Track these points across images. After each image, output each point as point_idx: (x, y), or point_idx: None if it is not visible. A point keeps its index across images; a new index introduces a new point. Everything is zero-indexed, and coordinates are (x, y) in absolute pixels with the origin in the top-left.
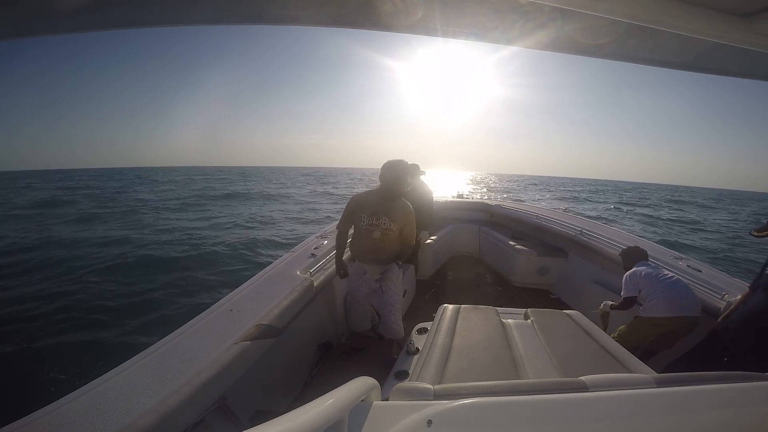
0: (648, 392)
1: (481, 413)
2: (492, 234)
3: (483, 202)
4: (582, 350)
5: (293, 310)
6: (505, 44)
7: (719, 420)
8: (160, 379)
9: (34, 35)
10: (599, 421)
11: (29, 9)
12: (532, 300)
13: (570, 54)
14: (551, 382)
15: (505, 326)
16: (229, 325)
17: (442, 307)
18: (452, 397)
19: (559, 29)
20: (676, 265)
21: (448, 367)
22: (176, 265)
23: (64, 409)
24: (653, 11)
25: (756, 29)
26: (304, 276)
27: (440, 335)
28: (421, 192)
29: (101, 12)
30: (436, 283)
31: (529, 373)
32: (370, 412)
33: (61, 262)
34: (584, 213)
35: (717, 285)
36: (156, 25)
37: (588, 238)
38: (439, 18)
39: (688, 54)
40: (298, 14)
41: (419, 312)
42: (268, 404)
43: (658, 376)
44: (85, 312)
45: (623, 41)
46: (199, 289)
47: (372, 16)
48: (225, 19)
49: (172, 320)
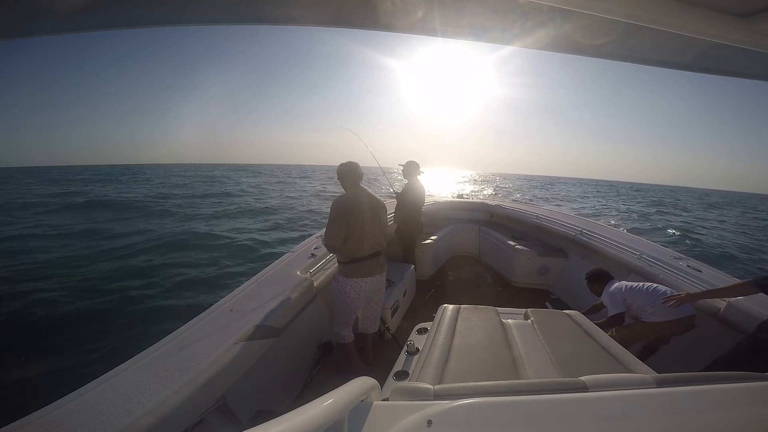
0: (648, 392)
1: (481, 413)
2: (492, 234)
3: (483, 202)
4: (582, 350)
5: (293, 310)
6: (505, 44)
7: (719, 420)
8: (160, 379)
9: (33, 35)
10: (599, 421)
11: (29, 9)
12: (532, 300)
13: (570, 54)
14: (551, 382)
15: (505, 326)
16: (229, 325)
17: (442, 307)
18: (452, 398)
19: (559, 29)
20: (676, 265)
21: (448, 367)
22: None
23: (64, 409)
24: (653, 11)
25: (756, 29)
26: (304, 276)
27: (440, 335)
28: (420, 191)
29: (100, 12)
30: (436, 283)
31: (529, 373)
32: (370, 412)
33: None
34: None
35: (717, 285)
36: (156, 25)
37: (588, 238)
38: (439, 18)
39: (688, 54)
40: (297, 14)
41: (419, 312)
42: (268, 404)
43: (658, 376)
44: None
45: (623, 41)
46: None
47: (371, 17)
48: (225, 19)
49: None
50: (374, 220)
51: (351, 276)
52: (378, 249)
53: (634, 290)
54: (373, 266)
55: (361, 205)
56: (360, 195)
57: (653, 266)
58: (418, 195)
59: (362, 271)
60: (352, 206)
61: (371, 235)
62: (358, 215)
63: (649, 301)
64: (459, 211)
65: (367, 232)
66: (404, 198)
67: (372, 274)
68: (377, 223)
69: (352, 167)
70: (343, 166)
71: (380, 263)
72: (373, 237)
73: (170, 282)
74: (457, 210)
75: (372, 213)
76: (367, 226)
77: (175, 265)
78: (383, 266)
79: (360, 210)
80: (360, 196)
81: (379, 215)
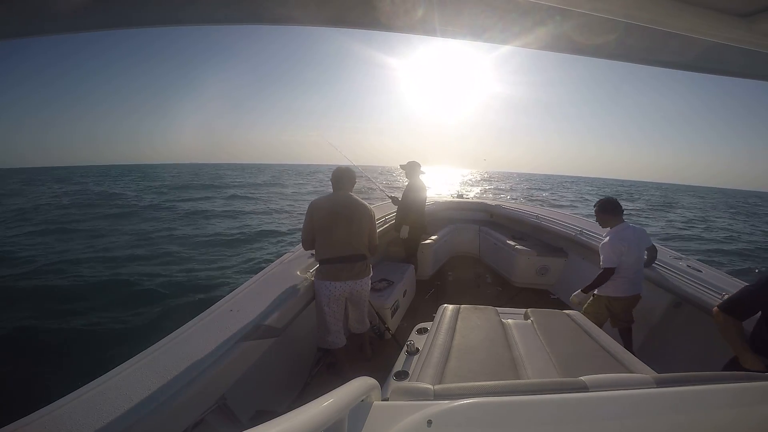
0: (648, 392)
1: (481, 413)
2: (492, 234)
3: (483, 202)
4: (582, 350)
5: (293, 310)
6: (505, 44)
7: (719, 420)
8: (160, 379)
9: (33, 35)
10: (599, 421)
11: (29, 9)
12: (532, 300)
13: (570, 54)
14: (551, 382)
15: (505, 326)
16: (229, 325)
17: (442, 307)
18: (452, 397)
19: (559, 29)
20: (676, 265)
21: (448, 367)
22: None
23: (64, 409)
24: (653, 11)
25: (756, 29)
26: (304, 276)
27: (440, 335)
28: (422, 191)
29: (100, 12)
30: (436, 283)
31: (529, 373)
32: (370, 412)
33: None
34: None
35: (717, 285)
36: (156, 25)
37: (588, 238)
38: (438, 18)
39: (688, 54)
40: (296, 14)
41: (419, 312)
42: (268, 404)
43: (658, 376)
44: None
45: (622, 41)
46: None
47: (371, 17)
48: (225, 19)
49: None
50: (349, 224)
51: (320, 278)
52: (352, 253)
53: (633, 249)
54: (343, 271)
55: (333, 209)
56: (337, 199)
57: (653, 266)
58: (420, 195)
59: (330, 275)
60: (322, 209)
61: (344, 239)
62: (329, 218)
63: (625, 268)
64: (459, 211)
65: (338, 235)
66: (406, 199)
67: (340, 279)
68: (352, 226)
69: (341, 174)
70: (336, 171)
71: (355, 269)
72: (347, 241)
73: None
74: (457, 210)
75: (348, 218)
76: (339, 230)
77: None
78: (361, 272)
79: (331, 213)
80: (337, 199)
81: (360, 221)
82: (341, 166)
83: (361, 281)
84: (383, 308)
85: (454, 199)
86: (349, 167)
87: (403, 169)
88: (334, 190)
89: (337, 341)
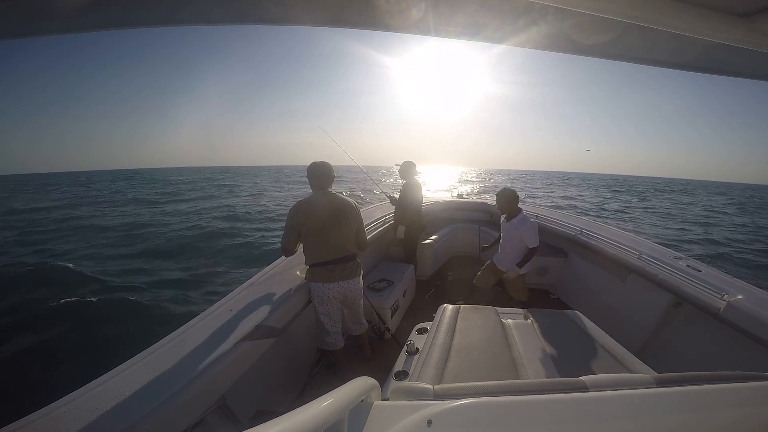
0: (648, 392)
1: (481, 413)
2: (492, 234)
3: (483, 202)
4: (582, 350)
5: (293, 310)
6: (501, 43)
7: (719, 420)
8: (160, 379)
9: (33, 35)
10: (599, 421)
11: (29, 9)
12: (532, 300)
13: (568, 54)
14: (551, 382)
15: (505, 326)
16: (229, 325)
17: (441, 307)
18: (452, 397)
19: (557, 28)
20: (676, 265)
21: (448, 367)
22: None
23: (64, 409)
24: (652, 11)
25: (756, 29)
26: (304, 276)
27: (440, 335)
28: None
29: (100, 12)
30: (436, 283)
31: (529, 373)
32: (370, 412)
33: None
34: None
35: (716, 285)
36: (155, 25)
37: (588, 238)
38: (433, 18)
39: (688, 54)
40: (293, 14)
41: (419, 312)
42: (268, 404)
43: (658, 376)
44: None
45: (621, 41)
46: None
47: (366, 16)
48: (223, 19)
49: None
50: (337, 224)
51: (313, 280)
52: (344, 254)
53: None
54: (335, 272)
55: (317, 210)
56: (320, 199)
57: (653, 266)
58: (417, 195)
59: (322, 276)
60: (305, 212)
61: (333, 240)
62: (314, 220)
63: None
64: (459, 211)
65: (327, 237)
66: (404, 199)
67: (332, 280)
68: (341, 227)
69: (317, 170)
70: (310, 168)
71: (347, 269)
72: (336, 242)
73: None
74: (457, 210)
75: (334, 218)
76: (327, 232)
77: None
78: (353, 272)
79: (316, 215)
80: (320, 200)
81: (347, 220)
82: (315, 162)
83: (354, 281)
84: (383, 308)
85: (454, 199)
86: (324, 162)
87: (399, 169)
88: (314, 189)
89: (336, 343)
